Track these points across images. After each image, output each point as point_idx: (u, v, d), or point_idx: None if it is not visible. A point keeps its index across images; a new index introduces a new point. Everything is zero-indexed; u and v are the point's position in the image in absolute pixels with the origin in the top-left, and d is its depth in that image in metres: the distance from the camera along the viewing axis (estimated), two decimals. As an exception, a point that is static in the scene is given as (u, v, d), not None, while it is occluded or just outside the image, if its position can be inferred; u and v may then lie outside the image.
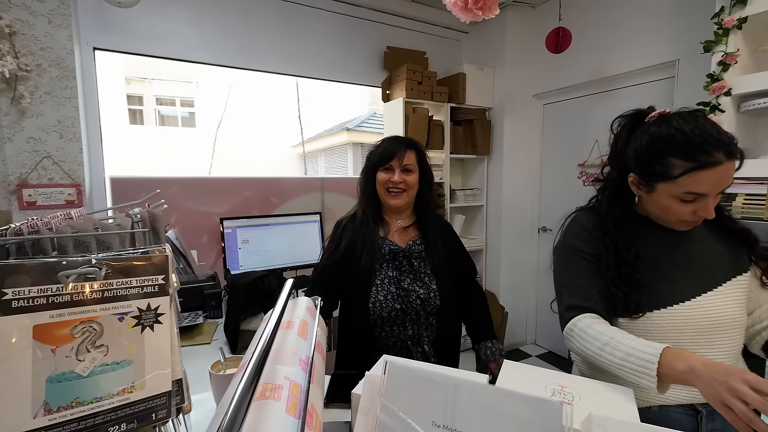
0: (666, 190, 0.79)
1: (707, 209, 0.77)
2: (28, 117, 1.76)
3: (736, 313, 0.82)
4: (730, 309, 0.81)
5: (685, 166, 0.74)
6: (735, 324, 0.82)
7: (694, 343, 0.81)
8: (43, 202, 1.81)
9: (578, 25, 2.37)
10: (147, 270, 0.43)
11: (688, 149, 0.74)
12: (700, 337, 0.81)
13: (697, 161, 0.73)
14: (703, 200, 0.77)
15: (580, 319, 0.82)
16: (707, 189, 0.75)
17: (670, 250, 0.86)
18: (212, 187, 2.35)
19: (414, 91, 2.67)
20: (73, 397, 0.37)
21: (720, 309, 0.81)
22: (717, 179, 0.74)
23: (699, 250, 0.85)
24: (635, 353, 0.71)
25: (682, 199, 0.78)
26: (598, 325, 0.80)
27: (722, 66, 1.63)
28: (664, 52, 2.19)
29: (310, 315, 0.72)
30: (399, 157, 1.15)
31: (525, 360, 2.98)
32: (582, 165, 2.75)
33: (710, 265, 0.84)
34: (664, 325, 0.82)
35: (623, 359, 0.72)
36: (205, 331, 1.39)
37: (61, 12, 1.79)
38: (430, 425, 0.47)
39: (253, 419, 0.42)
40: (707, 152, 0.73)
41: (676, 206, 0.79)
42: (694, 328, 0.81)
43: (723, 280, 0.83)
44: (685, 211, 0.79)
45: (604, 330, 0.78)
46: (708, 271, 0.84)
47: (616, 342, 0.74)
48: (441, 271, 1.17)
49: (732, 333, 0.82)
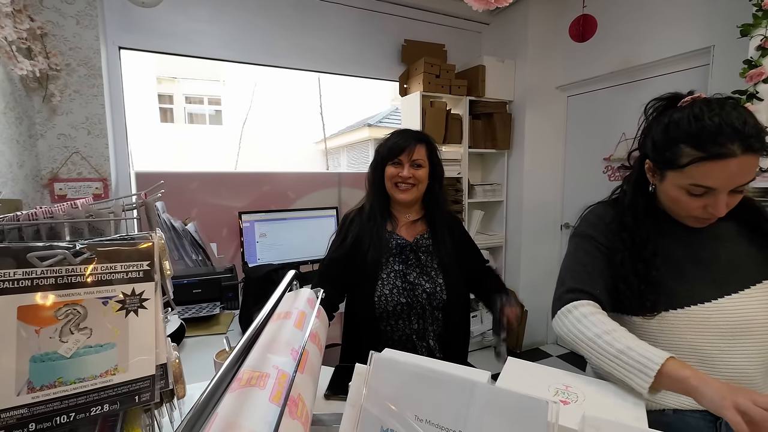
0: (674, 179, 0.75)
1: (717, 206, 0.71)
2: (59, 114, 1.85)
3: (764, 318, 0.76)
4: (756, 313, 0.75)
5: (693, 155, 0.70)
6: (763, 329, 0.76)
7: (713, 347, 0.76)
8: (72, 195, 1.90)
9: (604, 13, 2.26)
10: (132, 256, 0.43)
11: (700, 137, 0.69)
12: (720, 341, 0.75)
13: (707, 151, 0.68)
14: (713, 195, 0.71)
15: (582, 303, 0.78)
16: (716, 183, 0.70)
17: (693, 249, 0.81)
18: (232, 182, 2.40)
19: (432, 84, 2.63)
20: (56, 377, 0.38)
21: (744, 312, 0.75)
22: (728, 173, 0.68)
23: (725, 250, 0.80)
24: (637, 350, 0.67)
25: (689, 192, 0.73)
26: (602, 316, 0.76)
27: (761, 51, 1.51)
28: (697, 39, 2.06)
29: (309, 306, 0.72)
30: (409, 152, 1.13)
31: (544, 360, 2.91)
32: (608, 159, 2.63)
33: (736, 266, 0.78)
34: (680, 326, 0.77)
35: (621, 351, 0.68)
36: (221, 321, 1.43)
37: (88, 13, 1.87)
38: (413, 419, 0.46)
39: (235, 405, 0.42)
40: (720, 143, 0.67)
41: (684, 199, 0.75)
42: (714, 331, 0.76)
43: (750, 282, 0.77)
44: (694, 206, 0.74)
45: (606, 321, 0.75)
46: (733, 272, 0.78)
47: (617, 335, 0.71)
48: (448, 265, 1.15)
49: (759, 339, 0.76)
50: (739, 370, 0.75)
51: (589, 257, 0.84)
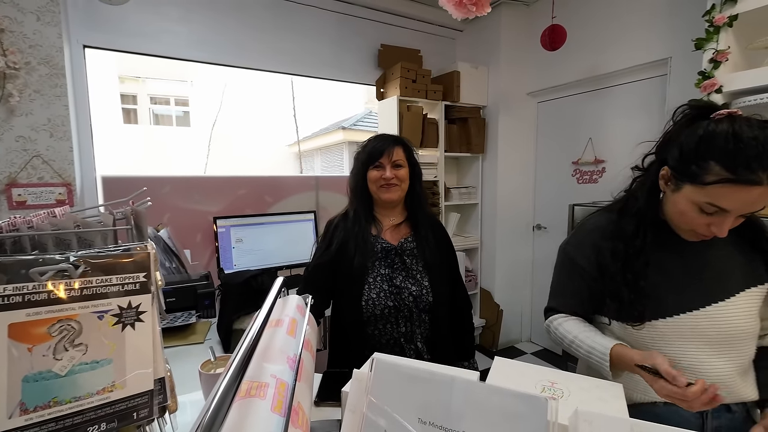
0: (690, 194, 0.73)
1: (722, 227, 0.71)
2: (17, 116, 1.74)
3: (747, 325, 0.79)
4: (741, 320, 0.78)
5: (722, 175, 0.67)
6: (745, 335, 0.80)
7: (700, 353, 0.79)
8: (33, 201, 1.79)
9: (572, 23, 2.37)
10: (128, 267, 0.42)
11: (735, 159, 0.66)
12: (707, 347, 0.79)
13: (737, 174, 0.65)
14: (722, 216, 0.71)
15: (553, 318, 0.94)
16: (732, 206, 0.69)
17: (686, 258, 0.82)
18: (206, 186, 2.33)
19: (408, 89, 2.66)
20: (51, 397, 0.36)
21: (730, 320, 0.78)
22: (747, 200, 0.67)
23: (716, 259, 0.82)
24: (591, 344, 0.82)
25: (701, 209, 0.72)
26: (568, 323, 0.90)
27: (713, 63, 1.63)
28: (656, 50, 2.20)
29: (299, 313, 0.71)
30: (388, 154, 1.15)
31: (520, 357, 2.99)
32: (576, 163, 2.76)
33: (725, 275, 0.80)
34: (669, 333, 0.80)
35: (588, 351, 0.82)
36: (198, 330, 1.39)
37: (50, 9, 1.77)
38: (417, 422, 0.47)
39: (238, 417, 0.42)
40: (752, 169, 0.64)
41: (693, 214, 0.74)
42: (701, 338, 0.79)
43: (736, 290, 0.79)
44: (700, 222, 0.74)
45: (570, 328, 0.88)
46: (722, 281, 0.80)
47: (581, 337, 0.85)
48: (433, 266, 1.17)
49: (742, 344, 0.80)
50: (723, 374, 0.79)
51: (566, 277, 0.95)
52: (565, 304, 0.93)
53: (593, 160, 2.64)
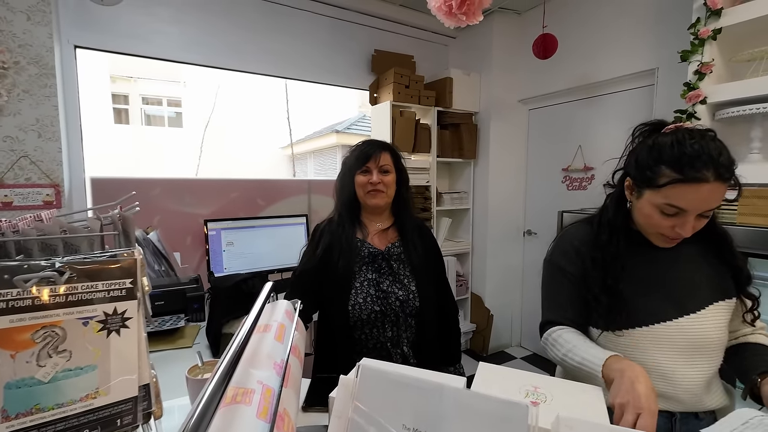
0: (650, 198, 0.80)
1: (685, 227, 0.77)
2: (5, 115, 1.72)
3: (716, 336, 0.84)
4: (710, 332, 0.83)
5: (672, 176, 0.75)
6: (714, 346, 0.84)
7: (673, 362, 0.83)
8: (19, 202, 1.76)
9: (563, 33, 2.41)
10: (114, 273, 0.42)
11: (680, 161, 0.74)
12: (679, 357, 0.83)
13: (684, 174, 0.74)
14: (683, 216, 0.77)
15: (552, 331, 0.91)
16: (688, 205, 0.75)
17: (659, 269, 0.87)
18: (197, 189, 2.32)
19: (401, 94, 2.68)
20: (33, 404, 0.36)
21: (700, 332, 0.82)
22: (700, 197, 0.74)
23: (687, 271, 0.86)
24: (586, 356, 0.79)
25: (662, 211, 0.79)
26: (566, 334, 0.88)
27: (698, 75, 1.67)
28: (643, 61, 2.25)
29: (288, 318, 0.72)
30: (375, 159, 1.16)
31: (509, 362, 3.01)
32: (566, 170, 2.79)
33: (696, 287, 0.85)
34: (645, 342, 0.84)
35: (579, 363, 0.80)
36: (186, 334, 1.38)
37: (40, 9, 1.75)
38: (401, 428, 0.48)
39: (222, 424, 0.42)
40: (696, 168, 0.73)
41: (656, 217, 0.80)
42: (674, 347, 0.83)
43: (705, 303, 0.84)
44: (664, 224, 0.80)
45: (568, 338, 0.86)
46: (693, 293, 0.84)
47: (574, 351, 0.83)
48: (419, 270, 1.18)
49: (711, 354, 0.84)
50: (693, 383, 0.83)
51: (559, 287, 0.95)
52: (561, 315, 0.93)
53: (583, 167, 2.68)
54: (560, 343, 0.87)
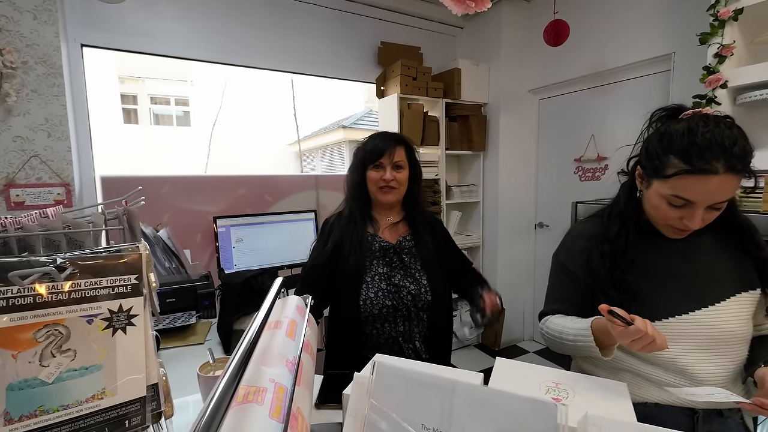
0: (658, 188, 0.77)
1: (693, 219, 0.74)
2: (15, 115, 1.72)
3: (738, 329, 0.79)
4: (732, 325, 0.78)
5: (679, 167, 0.72)
6: (737, 339, 0.80)
7: (691, 357, 0.79)
8: (31, 202, 1.78)
9: (573, 19, 2.34)
10: (118, 269, 0.40)
11: (689, 151, 0.71)
12: (697, 352, 0.79)
13: (692, 164, 0.70)
14: (691, 208, 0.74)
15: (543, 321, 0.95)
16: (695, 197, 0.72)
17: (673, 261, 0.83)
18: (205, 186, 2.32)
19: (409, 87, 2.64)
20: (37, 406, 0.35)
21: (720, 325, 0.78)
22: (708, 189, 0.71)
23: (705, 263, 0.82)
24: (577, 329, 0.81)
25: (670, 202, 0.76)
26: (554, 319, 0.90)
27: (718, 58, 1.61)
28: (659, 45, 2.18)
29: (299, 314, 0.70)
30: (389, 154, 1.13)
31: (522, 356, 2.98)
32: (578, 160, 2.73)
33: (716, 279, 0.81)
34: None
35: (575, 337, 0.81)
36: (198, 331, 1.38)
37: (47, 8, 1.75)
38: (420, 428, 0.45)
39: (234, 425, 0.40)
40: (705, 158, 0.69)
41: (664, 208, 0.77)
42: (692, 342, 0.79)
43: (727, 295, 0.79)
44: (672, 216, 0.77)
45: (557, 322, 0.89)
46: (712, 285, 0.80)
47: (565, 332, 0.84)
48: (431, 265, 1.15)
49: (733, 348, 0.80)
50: (715, 378, 0.78)
51: (559, 282, 0.97)
52: (558, 308, 0.94)
53: (596, 157, 2.62)
54: (552, 328, 0.89)
